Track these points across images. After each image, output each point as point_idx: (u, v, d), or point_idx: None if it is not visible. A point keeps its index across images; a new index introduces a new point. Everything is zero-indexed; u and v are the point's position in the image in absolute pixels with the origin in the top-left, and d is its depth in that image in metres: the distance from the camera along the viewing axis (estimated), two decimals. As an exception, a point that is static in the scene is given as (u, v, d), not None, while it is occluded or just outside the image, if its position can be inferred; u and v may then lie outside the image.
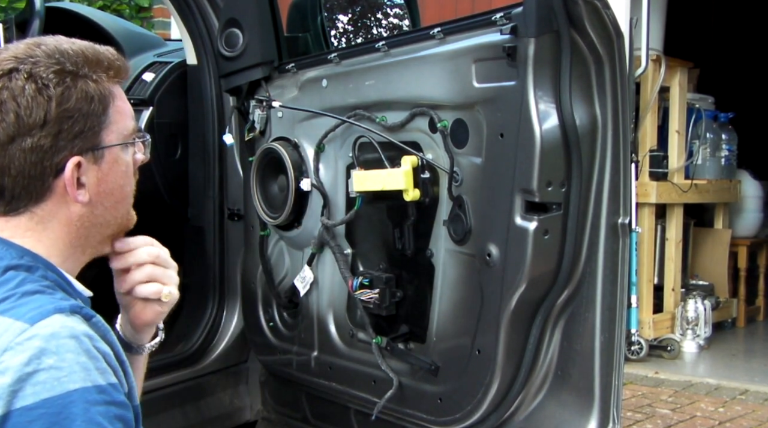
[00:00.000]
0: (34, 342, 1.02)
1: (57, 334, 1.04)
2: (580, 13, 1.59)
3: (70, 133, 1.15)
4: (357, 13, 2.76)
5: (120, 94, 1.23)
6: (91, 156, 1.18)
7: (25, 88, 1.12)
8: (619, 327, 1.69)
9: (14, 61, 1.14)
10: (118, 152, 1.22)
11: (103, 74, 1.19)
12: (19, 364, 1.01)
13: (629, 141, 1.68)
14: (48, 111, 1.13)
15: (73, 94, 1.15)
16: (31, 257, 1.16)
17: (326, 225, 2.08)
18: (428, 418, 1.90)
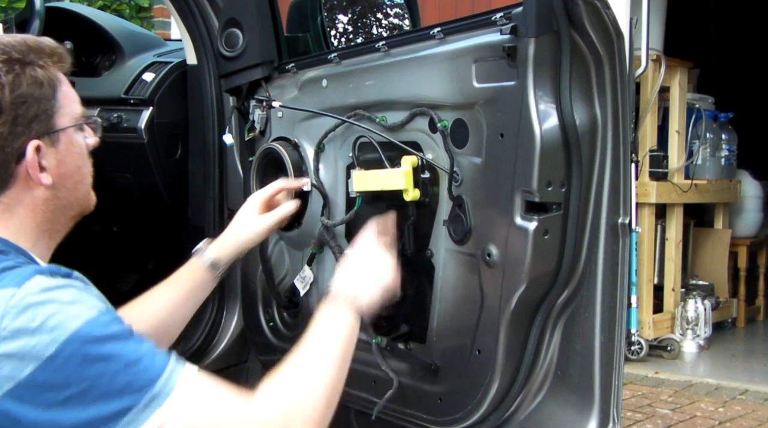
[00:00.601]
0: (28, 299, 1.08)
1: (45, 288, 1.10)
2: (580, 13, 1.59)
3: (25, 118, 1.20)
4: (357, 13, 2.76)
5: (65, 80, 1.28)
6: (48, 139, 1.23)
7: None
8: (619, 327, 1.69)
9: None
10: (72, 134, 1.28)
11: (48, 60, 1.25)
12: (24, 324, 1.07)
13: (629, 141, 1.68)
14: (2, 99, 1.18)
15: (23, 80, 1.20)
16: (2, 243, 1.20)
17: (326, 225, 2.08)
18: (428, 418, 1.90)
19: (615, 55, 1.62)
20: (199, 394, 1.15)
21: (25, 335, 1.06)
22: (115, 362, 1.08)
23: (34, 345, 1.06)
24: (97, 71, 2.73)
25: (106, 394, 1.07)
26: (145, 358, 1.11)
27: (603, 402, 1.69)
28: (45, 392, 1.06)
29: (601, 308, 1.69)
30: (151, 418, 1.09)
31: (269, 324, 2.37)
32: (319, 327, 1.40)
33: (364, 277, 1.54)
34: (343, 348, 1.37)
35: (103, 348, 1.09)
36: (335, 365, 1.33)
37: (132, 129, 2.49)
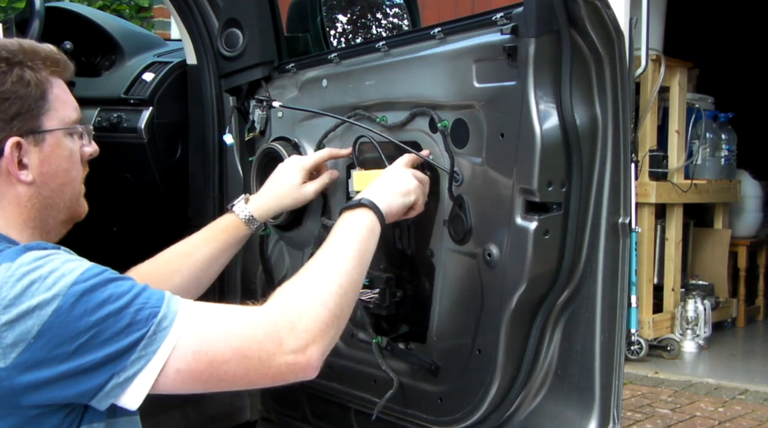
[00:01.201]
0: (23, 268, 1.13)
1: (37, 257, 1.15)
2: (580, 13, 1.59)
3: (6, 114, 1.23)
4: (357, 13, 2.76)
5: (61, 85, 1.31)
6: (31, 138, 1.26)
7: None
8: (619, 326, 1.69)
9: None
10: (60, 137, 1.30)
11: (40, 62, 1.27)
12: (24, 287, 1.11)
13: (629, 141, 1.68)
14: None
15: (8, 79, 1.23)
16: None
17: (326, 225, 2.08)
18: (428, 418, 1.90)
19: (615, 55, 1.62)
20: (202, 310, 1.20)
21: (25, 298, 1.10)
22: (116, 302, 1.13)
23: (37, 305, 1.10)
24: (97, 71, 2.73)
25: (115, 334, 1.12)
26: (144, 292, 1.16)
27: (603, 401, 1.69)
28: (56, 347, 1.10)
29: (601, 308, 1.69)
30: (163, 343, 1.14)
31: (269, 323, 2.36)
32: (336, 229, 1.44)
33: (385, 186, 1.61)
34: (360, 247, 1.40)
35: (102, 292, 1.13)
36: (350, 263, 1.35)
37: (132, 129, 2.49)
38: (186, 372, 1.15)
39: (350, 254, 1.36)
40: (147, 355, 1.13)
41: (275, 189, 1.90)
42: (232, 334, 1.18)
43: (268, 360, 1.18)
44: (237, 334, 1.18)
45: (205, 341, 1.16)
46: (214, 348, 1.16)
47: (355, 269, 1.35)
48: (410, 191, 1.65)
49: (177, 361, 1.14)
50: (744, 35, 6.72)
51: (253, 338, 1.18)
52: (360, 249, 1.40)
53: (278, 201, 1.89)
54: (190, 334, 1.16)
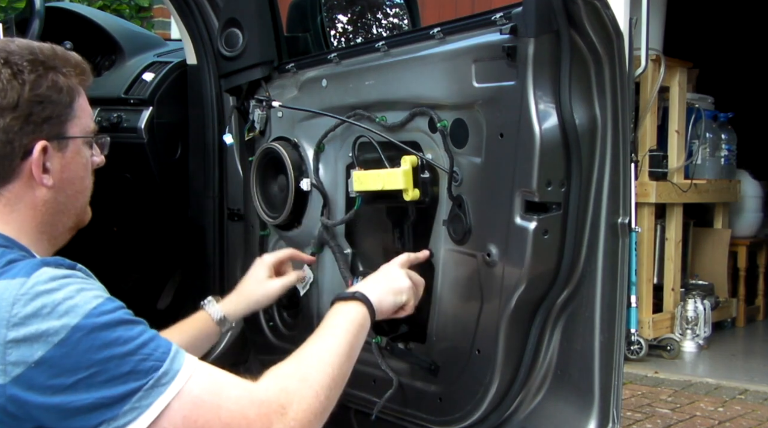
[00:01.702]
0: (38, 287, 1.12)
1: (53, 277, 1.14)
2: (579, 13, 1.59)
3: (39, 117, 1.25)
4: (357, 13, 2.76)
5: (84, 94, 1.34)
6: (56, 143, 1.28)
7: (2, 72, 1.22)
8: (618, 326, 1.69)
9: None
10: (80, 145, 1.32)
11: (72, 70, 1.30)
12: (36, 309, 1.10)
13: (629, 141, 1.68)
14: (21, 94, 1.22)
15: (44, 82, 1.25)
16: (4, 239, 1.24)
17: (326, 225, 2.08)
18: (428, 418, 1.90)
19: (615, 55, 1.62)
20: (202, 374, 1.18)
21: (35, 320, 1.09)
22: (122, 346, 1.12)
23: (44, 330, 1.09)
24: (97, 71, 2.73)
25: (114, 378, 1.11)
26: (152, 342, 1.15)
27: (603, 401, 1.69)
28: (54, 377, 1.09)
29: (600, 307, 1.69)
30: (158, 399, 1.13)
31: (269, 323, 2.37)
32: (328, 320, 1.44)
33: (379, 283, 1.62)
34: (350, 341, 1.40)
35: (111, 333, 1.12)
36: (340, 356, 1.35)
37: (132, 129, 2.49)
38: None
39: (342, 349, 1.37)
40: (140, 408, 1.11)
41: (243, 287, 1.92)
42: (225, 408, 1.17)
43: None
44: (230, 409, 1.17)
45: (198, 409, 1.15)
46: (204, 418, 1.15)
47: (345, 363, 1.36)
48: (402, 291, 1.65)
49: (167, 421, 1.13)
50: (744, 35, 6.72)
51: (245, 416, 1.17)
52: (351, 343, 1.40)
53: (245, 299, 1.90)
54: (185, 397, 1.15)
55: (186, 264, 2.67)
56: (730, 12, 6.57)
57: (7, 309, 1.10)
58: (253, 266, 1.95)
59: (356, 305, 1.50)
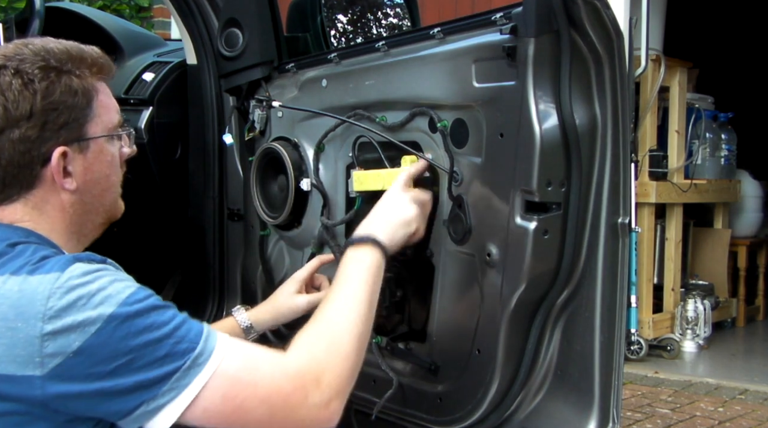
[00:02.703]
0: (72, 281, 1.14)
1: (86, 271, 1.16)
2: (579, 13, 1.59)
3: (55, 124, 1.24)
4: (357, 13, 2.76)
5: (104, 89, 1.33)
6: (76, 146, 1.28)
7: (12, 83, 1.22)
8: (618, 326, 1.69)
9: (2, 59, 1.23)
10: (103, 144, 1.32)
11: (87, 70, 1.29)
12: (71, 301, 1.12)
13: (629, 141, 1.68)
14: (33, 104, 1.22)
15: (57, 88, 1.24)
16: (36, 237, 1.26)
17: (326, 225, 2.08)
18: (428, 418, 1.90)
19: (615, 55, 1.62)
20: (236, 352, 1.21)
21: (71, 312, 1.11)
22: (157, 331, 1.15)
23: (81, 321, 1.11)
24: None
25: (152, 362, 1.14)
26: (185, 325, 1.18)
27: (603, 401, 1.69)
28: (93, 365, 1.12)
29: (600, 307, 1.69)
30: (196, 378, 1.16)
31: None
32: (344, 270, 1.46)
33: (387, 217, 1.62)
34: (369, 290, 1.43)
35: (146, 319, 1.14)
36: (363, 308, 1.38)
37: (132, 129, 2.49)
38: (213, 412, 1.18)
39: (363, 301, 1.39)
40: (179, 388, 1.15)
41: (273, 299, 1.91)
42: (262, 384, 1.20)
43: (292, 411, 1.22)
44: (266, 385, 1.20)
45: (236, 386, 1.18)
46: (243, 394, 1.19)
47: (368, 313, 1.39)
48: (411, 221, 1.66)
49: (206, 401, 1.17)
50: (744, 35, 6.72)
51: (282, 390, 1.21)
52: (370, 292, 1.43)
53: (275, 310, 1.89)
54: (222, 375, 1.18)
55: (186, 264, 2.66)
56: (730, 12, 6.57)
57: (42, 303, 1.12)
58: (287, 280, 1.94)
59: (370, 250, 1.51)
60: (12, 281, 1.15)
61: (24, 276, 1.15)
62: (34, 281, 1.14)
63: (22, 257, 1.18)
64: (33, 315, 1.11)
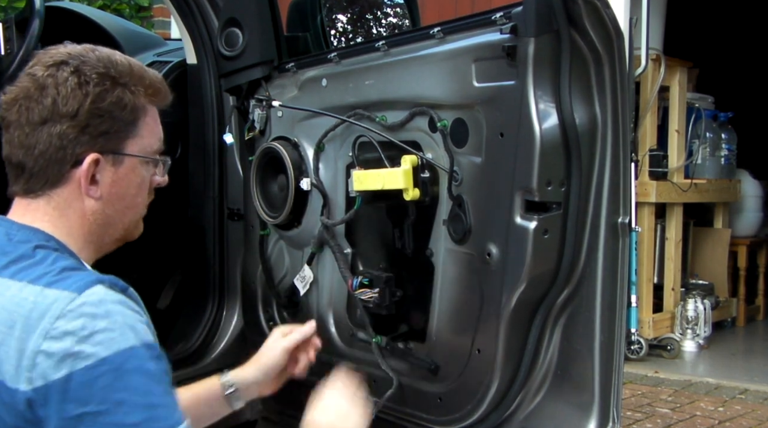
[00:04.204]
0: (85, 308, 1.11)
1: (104, 300, 1.13)
2: (579, 13, 1.59)
3: (96, 130, 1.25)
4: (357, 13, 2.76)
5: (153, 113, 1.35)
6: (110, 158, 1.27)
7: (69, 79, 1.23)
8: (618, 326, 1.69)
9: (66, 56, 1.25)
10: (137, 164, 1.32)
11: (142, 89, 1.31)
12: (75, 328, 1.10)
13: (629, 140, 1.68)
14: (82, 105, 1.23)
15: (108, 97, 1.25)
16: (55, 242, 1.24)
17: (326, 224, 2.08)
18: (428, 417, 1.90)
19: (615, 55, 1.62)
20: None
21: (71, 339, 1.09)
22: (139, 396, 1.11)
23: (76, 352, 1.09)
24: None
25: (118, 424, 1.09)
26: (166, 406, 1.13)
27: (603, 401, 1.69)
28: (67, 401, 1.09)
29: (600, 307, 1.69)
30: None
31: (269, 323, 2.37)
32: None
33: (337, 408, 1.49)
34: None
35: (134, 379, 1.11)
36: None
37: (132, 129, 2.49)
38: None
39: None
40: None
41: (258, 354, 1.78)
42: None
43: None
44: None
45: None
46: None
47: None
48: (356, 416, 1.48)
49: None
50: (744, 35, 6.72)
51: None
52: None
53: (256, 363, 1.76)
54: None
55: (186, 264, 2.66)
56: (730, 12, 6.56)
57: (50, 321, 1.10)
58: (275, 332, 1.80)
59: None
60: (28, 291, 1.14)
61: (41, 288, 1.13)
62: (50, 296, 1.12)
63: (43, 265, 1.17)
64: (38, 330, 1.10)
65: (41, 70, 1.24)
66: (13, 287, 1.15)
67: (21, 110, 1.23)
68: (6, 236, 1.23)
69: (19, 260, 1.18)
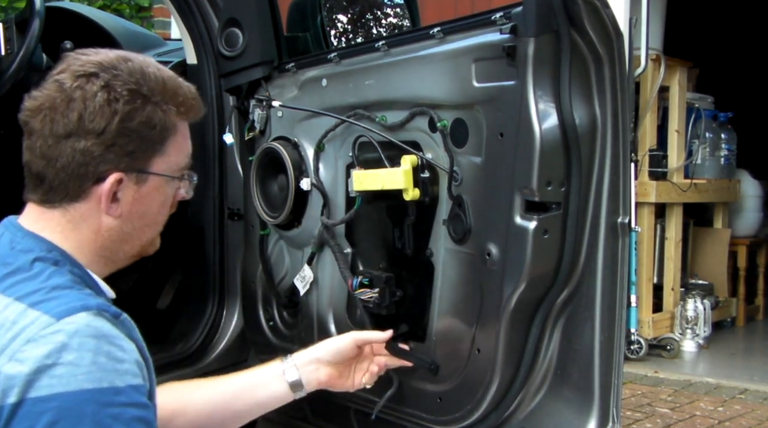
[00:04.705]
0: (58, 336, 1.05)
1: (80, 332, 1.06)
2: (579, 13, 1.59)
3: (122, 150, 1.19)
4: (357, 13, 2.76)
5: (184, 130, 1.27)
6: (134, 176, 1.22)
7: (98, 95, 1.17)
8: (618, 326, 1.69)
9: (97, 67, 1.18)
10: (161, 182, 1.26)
11: (174, 108, 1.23)
12: (39, 355, 1.04)
13: (629, 140, 1.68)
14: (109, 123, 1.17)
15: (137, 116, 1.19)
16: (59, 252, 1.19)
17: (326, 225, 2.08)
18: (428, 417, 1.90)
19: (614, 55, 1.63)
20: None
21: (32, 365, 1.03)
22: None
23: (30, 379, 1.03)
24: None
25: None
26: None
27: (602, 401, 1.69)
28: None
29: (600, 307, 1.69)
30: None
31: (269, 323, 2.37)
32: None
33: None
34: None
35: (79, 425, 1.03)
36: None
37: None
38: None
39: None
40: None
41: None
42: None
43: None
44: None
45: None
46: None
47: None
48: None
49: None
50: (744, 35, 6.72)
51: None
52: None
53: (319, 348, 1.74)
54: None
55: (186, 264, 2.67)
56: (730, 12, 6.56)
57: (20, 343, 1.05)
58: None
59: None
60: (12, 309, 1.09)
61: (25, 307, 1.09)
62: (30, 317, 1.07)
63: (36, 281, 1.12)
64: (7, 350, 1.05)
65: (70, 79, 1.17)
66: (0, 303, 1.11)
67: (45, 120, 1.17)
68: (9, 244, 1.19)
69: (15, 273, 1.14)
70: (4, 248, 1.19)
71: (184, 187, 1.31)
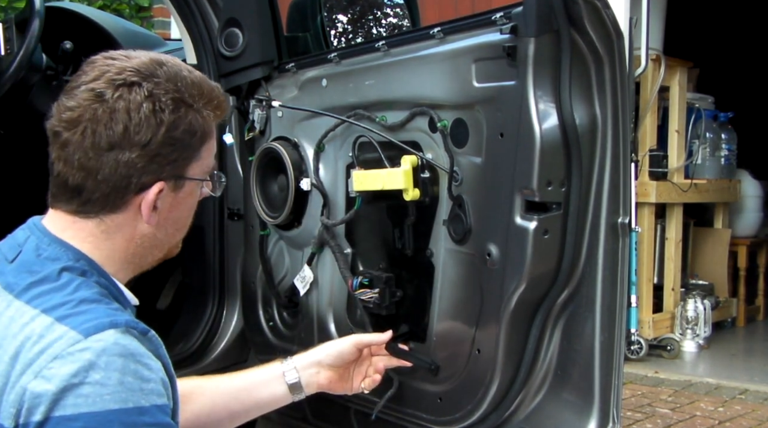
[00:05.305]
0: (85, 354, 1.03)
1: (108, 350, 1.04)
2: (580, 13, 1.59)
3: (165, 159, 1.17)
4: (357, 13, 2.76)
5: (214, 134, 1.26)
6: (173, 183, 1.20)
7: (143, 105, 1.14)
8: (618, 326, 1.69)
9: (137, 75, 1.15)
10: (194, 186, 1.25)
11: (211, 112, 1.22)
12: (66, 374, 1.02)
13: (629, 141, 1.68)
14: (155, 135, 1.15)
15: (181, 125, 1.17)
16: (86, 262, 1.17)
17: (326, 225, 2.08)
18: (428, 418, 1.90)
19: (615, 55, 1.62)
20: None
21: (59, 383, 1.02)
22: None
23: (56, 398, 1.02)
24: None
25: None
26: None
27: (603, 401, 1.69)
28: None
29: (600, 307, 1.69)
30: None
31: (269, 323, 2.37)
32: None
33: None
34: None
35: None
36: None
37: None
38: None
39: None
40: None
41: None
42: None
43: None
44: None
45: None
46: None
47: None
48: None
49: None
50: (744, 35, 6.72)
51: None
52: None
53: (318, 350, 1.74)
54: None
55: (186, 264, 2.66)
56: (730, 12, 6.56)
57: (47, 359, 1.03)
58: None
59: None
60: (39, 322, 1.07)
61: (52, 321, 1.06)
62: (57, 332, 1.05)
63: (63, 293, 1.10)
64: (33, 366, 1.03)
65: (110, 89, 1.14)
66: (26, 314, 1.09)
67: (86, 133, 1.14)
68: (35, 251, 1.16)
69: (42, 282, 1.12)
70: (29, 254, 1.16)
71: (207, 186, 1.30)
